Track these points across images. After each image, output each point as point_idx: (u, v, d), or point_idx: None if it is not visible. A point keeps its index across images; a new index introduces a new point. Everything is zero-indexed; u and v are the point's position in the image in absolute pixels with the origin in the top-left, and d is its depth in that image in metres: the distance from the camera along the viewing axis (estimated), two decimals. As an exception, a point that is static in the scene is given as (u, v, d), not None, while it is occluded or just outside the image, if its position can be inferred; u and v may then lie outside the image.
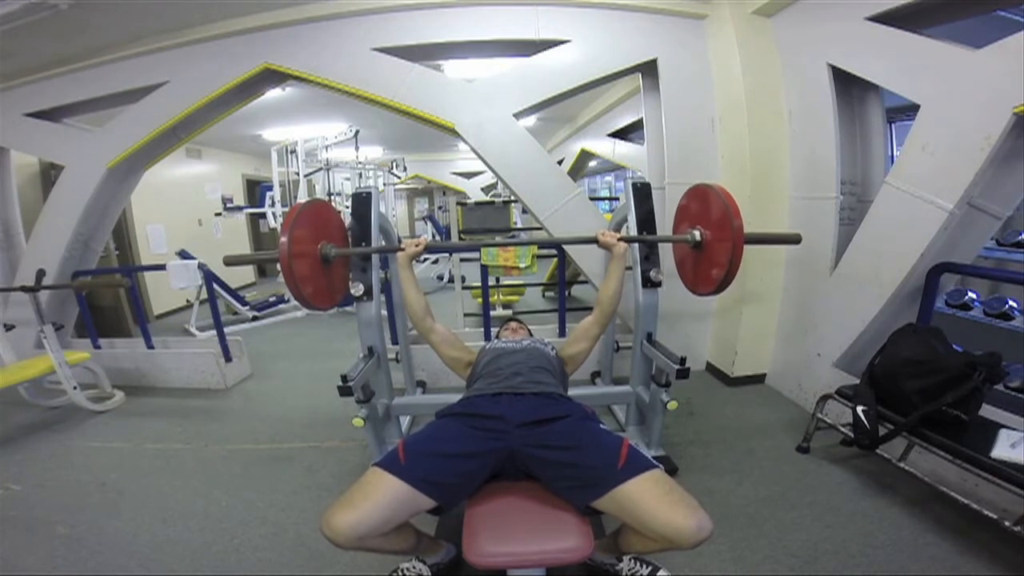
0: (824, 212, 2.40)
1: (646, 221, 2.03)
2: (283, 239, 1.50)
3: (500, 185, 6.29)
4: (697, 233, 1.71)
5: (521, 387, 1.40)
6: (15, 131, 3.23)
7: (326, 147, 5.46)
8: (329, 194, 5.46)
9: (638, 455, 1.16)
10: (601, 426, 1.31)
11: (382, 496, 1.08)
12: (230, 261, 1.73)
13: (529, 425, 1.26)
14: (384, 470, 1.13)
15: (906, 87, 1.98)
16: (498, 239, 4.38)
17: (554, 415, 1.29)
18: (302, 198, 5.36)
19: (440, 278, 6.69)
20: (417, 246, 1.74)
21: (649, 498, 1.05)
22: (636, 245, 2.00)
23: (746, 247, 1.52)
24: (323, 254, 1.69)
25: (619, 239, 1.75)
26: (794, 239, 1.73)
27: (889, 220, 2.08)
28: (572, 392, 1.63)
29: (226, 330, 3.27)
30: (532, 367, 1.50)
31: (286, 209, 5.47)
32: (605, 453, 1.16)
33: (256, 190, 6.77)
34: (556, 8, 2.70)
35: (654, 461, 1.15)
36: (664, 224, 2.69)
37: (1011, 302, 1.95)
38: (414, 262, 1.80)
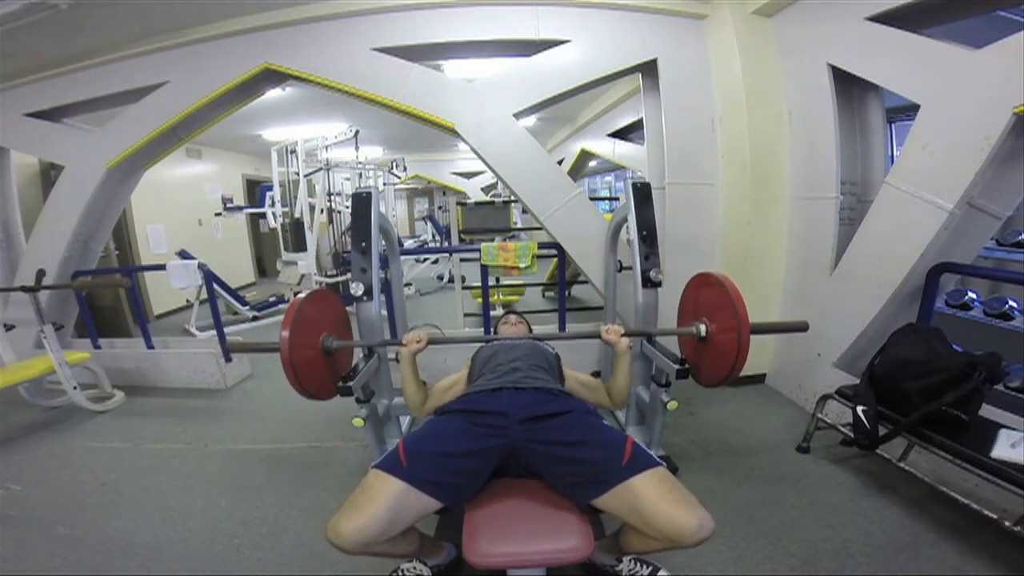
0: (824, 212, 2.40)
1: (646, 222, 2.03)
2: (284, 333, 1.45)
3: (500, 185, 6.29)
4: (703, 327, 1.65)
5: (521, 382, 1.39)
6: (15, 131, 3.23)
7: (326, 147, 5.46)
8: (329, 194, 5.46)
9: (642, 452, 1.16)
10: (604, 422, 1.31)
11: (386, 499, 1.07)
12: (235, 348, 1.77)
13: (532, 420, 1.25)
14: (386, 473, 1.12)
15: (906, 87, 1.98)
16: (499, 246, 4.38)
17: (557, 410, 1.29)
18: (302, 198, 5.35)
19: (440, 278, 6.69)
20: (419, 342, 1.66)
21: (652, 495, 1.04)
22: (636, 244, 2.01)
23: (743, 242, 1.50)
24: (324, 347, 1.65)
25: (622, 335, 1.61)
26: (801, 327, 1.63)
27: (889, 220, 2.08)
28: (572, 392, 1.63)
29: (226, 330, 3.27)
30: (531, 364, 1.50)
31: (286, 209, 5.48)
32: (610, 450, 1.16)
33: (256, 190, 6.76)
34: (556, 8, 2.69)
35: (657, 459, 1.15)
36: (663, 225, 2.69)
37: (1011, 302, 1.95)
38: (415, 261, 1.79)
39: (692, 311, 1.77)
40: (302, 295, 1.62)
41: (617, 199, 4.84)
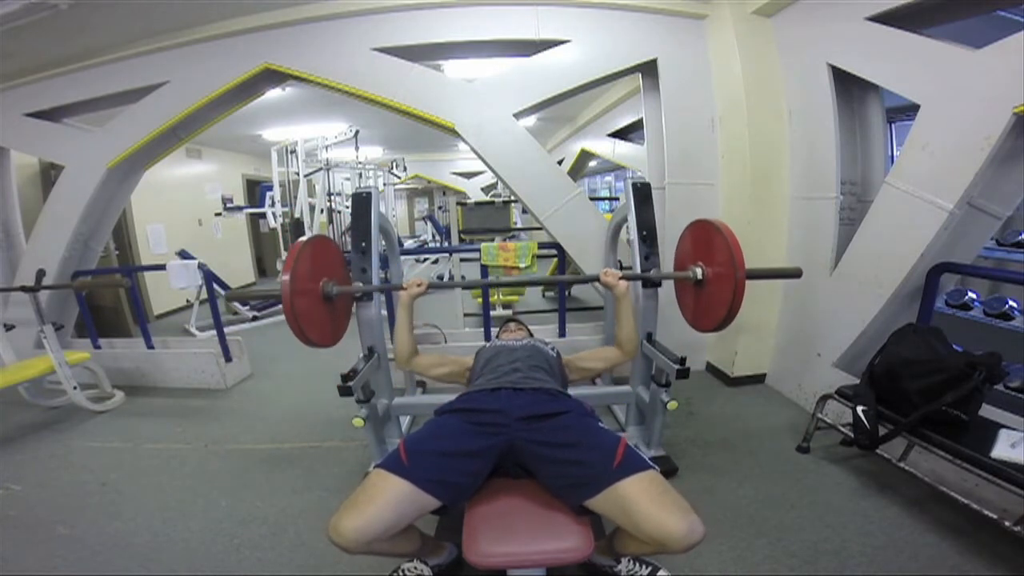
0: (824, 212, 2.40)
1: (646, 221, 2.03)
2: (285, 277, 1.48)
3: (500, 185, 6.29)
4: (699, 271, 1.71)
5: (520, 383, 1.40)
6: (15, 131, 3.23)
7: (326, 147, 5.46)
8: (329, 194, 5.47)
9: (634, 455, 1.15)
10: (600, 424, 1.31)
11: (388, 498, 1.07)
12: (232, 297, 1.76)
13: (529, 419, 1.25)
14: (388, 472, 1.12)
15: (906, 87, 1.98)
16: (497, 237, 4.38)
17: (555, 410, 1.29)
18: (302, 198, 5.36)
19: (440, 278, 6.69)
20: (419, 286, 1.72)
21: (642, 499, 1.03)
22: (636, 244, 2.01)
23: (744, 242, 1.53)
24: (324, 292, 1.68)
25: (620, 278, 1.69)
26: (795, 273, 1.72)
27: (889, 220, 2.08)
28: (572, 391, 1.63)
29: (226, 330, 3.27)
30: (530, 365, 1.50)
31: (286, 209, 5.48)
32: (602, 451, 1.15)
33: (256, 190, 6.77)
34: (556, 8, 2.70)
35: (650, 463, 1.14)
36: (663, 225, 2.69)
37: (1011, 302, 1.95)
38: (415, 261, 1.81)
39: (689, 257, 1.81)
40: (302, 240, 1.65)
41: (617, 199, 4.84)
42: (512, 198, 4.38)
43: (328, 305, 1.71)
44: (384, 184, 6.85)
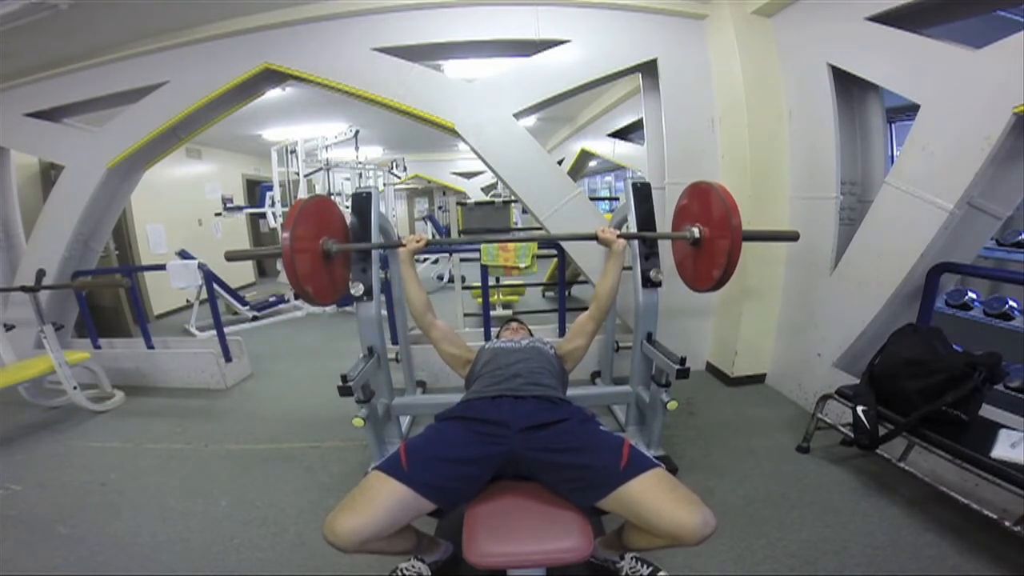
0: (824, 212, 2.40)
1: (646, 221, 2.03)
2: (285, 234, 1.51)
3: (500, 185, 6.29)
4: (696, 230, 1.73)
5: (521, 390, 1.39)
6: (15, 131, 3.23)
7: (326, 147, 5.46)
8: (329, 194, 5.46)
9: (639, 455, 1.16)
10: (601, 427, 1.31)
11: (385, 500, 1.08)
12: (231, 256, 1.75)
13: (531, 429, 1.26)
14: (387, 475, 1.13)
15: (906, 87, 1.98)
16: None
17: (555, 419, 1.29)
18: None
19: (440, 278, 6.69)
20: (418, 241, 1.77)
21: (653, 496, 1.05)
22: (636, 244, 2.01)
23: (746, 244, 1.54)
24: (325, 250, 1.71)
25: (618, 236, 1.77)
26: (792, 236, 1.74)
27: (889, 220, 2.08)
28: (571, 392, 1.63)
29: (226, 330, 3.27)
30: (531, 369, 1.50)
31: (286, 209, 5.47)
32: (607, 454, 1.16)
33: (256, 190, 6.76)
34: (556, 8, 2.70)
35: (655, 460, 1.15)
36: (664, 224, 2.69)
37: (1011, 302, 1.95)
38: (416, 261, 1.82)
39: (686, 218, 1.83)
40: (304, 198, 1.67)
41: (617, 199, 4.84)
42: (512, 198, 4.38)
43: (327, 263, 1.73)
44: (384, 184, 6.84)
